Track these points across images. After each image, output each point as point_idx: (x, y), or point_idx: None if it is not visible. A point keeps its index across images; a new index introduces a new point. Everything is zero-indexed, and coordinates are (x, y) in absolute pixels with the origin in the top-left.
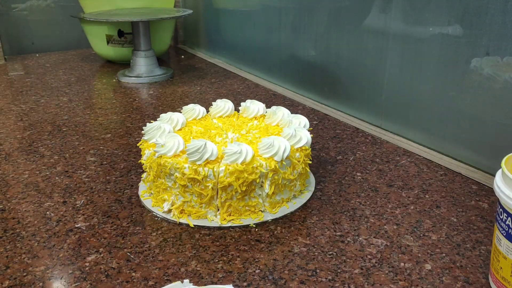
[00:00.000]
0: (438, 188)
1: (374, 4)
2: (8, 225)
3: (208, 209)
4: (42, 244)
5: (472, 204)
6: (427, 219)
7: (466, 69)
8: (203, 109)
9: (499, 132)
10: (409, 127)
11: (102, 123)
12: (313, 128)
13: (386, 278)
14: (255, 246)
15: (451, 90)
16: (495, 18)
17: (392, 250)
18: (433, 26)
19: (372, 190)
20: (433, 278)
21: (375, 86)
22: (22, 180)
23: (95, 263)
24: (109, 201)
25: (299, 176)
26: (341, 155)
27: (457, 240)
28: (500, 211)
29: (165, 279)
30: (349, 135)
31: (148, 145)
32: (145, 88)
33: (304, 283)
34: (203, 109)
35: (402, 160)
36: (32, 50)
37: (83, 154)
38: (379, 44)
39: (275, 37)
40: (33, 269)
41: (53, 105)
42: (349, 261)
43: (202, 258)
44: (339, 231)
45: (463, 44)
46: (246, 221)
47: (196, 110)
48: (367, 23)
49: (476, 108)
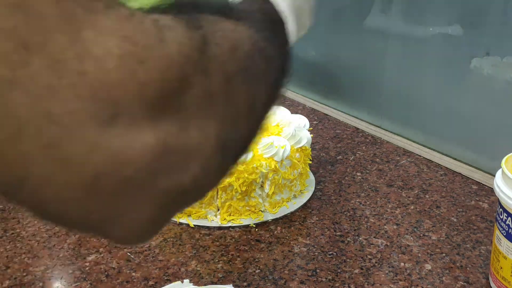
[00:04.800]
0: (438, 188)
1: (374, 4)
2: (8, 225)
3: (208, 209)
4: (42, 244)
5: (472, 204)
6: (427, 219)
7: (466, 69)
8: None
9: (499, 132)
10: (409, 127)
11: None
12: (313, 128)
13: (386, 278)
14: (255, 246)
15: (451, 90)
16: (495, 18)
17: (392, 250)
18: (433, 26)
19: (372, 190)
20: (433, 278)
21: (375, 86)
22: None
23: (95, 263)
24: None
25: (299, 176)
26: (341, 155)
27: (457, 240)
28: (500, 211)
29: (165, 279)
30: (349, 135)
31: None
32: None
33: (304, 283)
34: None
35: (402, 160)
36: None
37: None
38: (379, 44)
39: None
40: (33, 269)
41: None
42: (349, 261)
43: (202, 258)
44: (339, 231)
45: (463, 44)
46: (246, 221)
47: None
48: (367, 23)
49: (476, 108)
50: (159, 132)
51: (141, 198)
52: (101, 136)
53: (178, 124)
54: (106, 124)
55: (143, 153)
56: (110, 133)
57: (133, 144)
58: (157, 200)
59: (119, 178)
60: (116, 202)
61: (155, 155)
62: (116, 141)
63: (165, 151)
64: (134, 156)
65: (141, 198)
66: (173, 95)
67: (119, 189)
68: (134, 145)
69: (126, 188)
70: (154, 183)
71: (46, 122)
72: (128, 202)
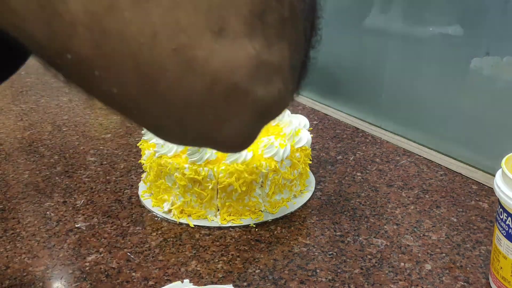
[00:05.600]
0: (438, 188)
1: (374, 4)
2: (8, 225)
3: (208, 209)
4: (42, 244)
5: (472, 204)
6: (427, 219)
7: (466, 69)
8: None
9: (499, 132)
10: (409, 127)
11: (102, 123)
12: (313, 128)
13: (386, 278)
14: (255, 246)
15: (451, 90)
16: (495, 18)
17: (392, 250)
18: (433, 26)
19: (372, 190)
20: (433, 278)
21: (375, 86)
22: (22, 180)
23: (95, 263)
24: (109, 201)
25: (299, 176)
26: (341, 155)
27: (457, 240)
28: (500, 211)
29: (165, 279)
30: (349, 135)
31: (148, 145)
32: None
33: (304, 283)
34: None
35: (402, 160)
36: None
37: (83, 154)
38: (379, 44)
39: None
40: (33, 269)
41: (53, 105)
42: (349, 261)
43: (202, 258)
44: (339, 231)
45: (463, 44)
46: (246, 221)
47: None
48: (367, 23)
49: (476, 108)
50: (254, 46)
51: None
52: (215, 44)
53: (266, 42)
54: (217, 35)
55: (246, 61)
56: (221, 43)
57: (239, 54)
58: (255, 106)
59: (230, 82)
60: (227, 106)
61: (253, 64)
62: (226, 50)
63: (259, 63)
64: (241, 63)
65: (244, 104)
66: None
67: (230, 93)
68: (239, 55)
69: (235, 93)
70: (254, 91)
71: (175, 29)
72: (235, 106)
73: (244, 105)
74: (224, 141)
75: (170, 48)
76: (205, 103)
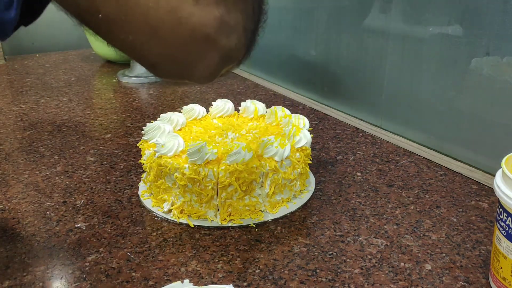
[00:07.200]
0: (438, 188)
1: (374, 4)
2: (8, 225)
3: (208, 209)
4: (42, 244)
5: (472, 204)
6: (427, 219)
7: (466, 69)
8: (203, 109)
9: (499, 132)
10: (409, 127)
11: (102, 123)
12: (313, 128)
13: (386, 278)
14: (255, 246)
15: (451, 90)
16: (495, 18)
17: (392, 250)
18: (433, 26)
19: (372, 190)
20: (433, 278)
21: (375, 86)
22: (22, 180)
23: (95, 263)
24: (109, 201)
25: (299, 176)
26: (341, 155)
27: (457, 240)
28: (500, 211)
29: (165, 279)
30: (349, 135)
31: (148, 145)
32: (145, 88)
33: (304, 283)
34: (203, 109)
35: (402, 160)
36: (32, 50)
37: (83, 154)
38: (379, 44)
39: (275, 37)
40: (33, 269)
41: (53, 105)
42: (349, 261)
43: (202, 258)
44: (339, 231)
45: (463, 44)
46: (246, 221)
47: (196, 110)
48: (367, 23)
49: (476, 108)
50: (219, 11)
51: (213, 48)
52: (194, 8)
53: (226, 9)
54: (196, 2)
55: (214, 19)
56: (198, 8)
57: (210, 15)
58: (220, 50)
59: (205, 32)
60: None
61: (219, 22)
62: (201, 12)
63: (222, 22)
64: (210, 21)
65: (213, 49)
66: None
67: (204, 39)
68: (209, 16)
69: (207, 39)
70: (219, 39)
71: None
72: (207, 49)
73: (213, 48)
74: (198, 74)
75: (167, 9)
76: (188, 44)
